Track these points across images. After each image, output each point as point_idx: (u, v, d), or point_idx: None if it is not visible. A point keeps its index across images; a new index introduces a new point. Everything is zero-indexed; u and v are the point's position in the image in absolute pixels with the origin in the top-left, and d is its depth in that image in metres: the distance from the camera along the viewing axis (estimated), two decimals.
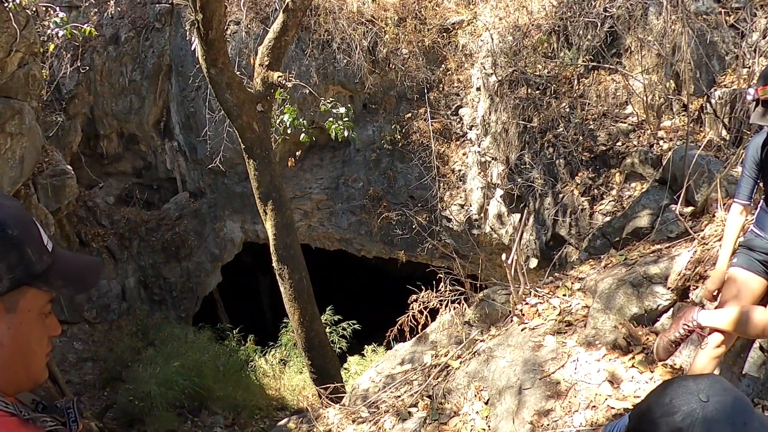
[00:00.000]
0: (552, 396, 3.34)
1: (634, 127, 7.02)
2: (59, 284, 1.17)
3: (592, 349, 3.57)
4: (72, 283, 1.21)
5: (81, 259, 1.30)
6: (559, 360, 3.60)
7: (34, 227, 1.15)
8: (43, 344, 1.19)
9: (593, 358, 3.48)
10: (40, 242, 1.15)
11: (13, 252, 1.09)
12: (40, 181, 9.20)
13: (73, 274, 1.22)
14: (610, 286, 3.91)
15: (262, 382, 9.97)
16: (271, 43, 6.98)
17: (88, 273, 1.26)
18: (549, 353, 3.73)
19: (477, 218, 9.66)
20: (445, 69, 10.37)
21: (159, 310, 11.68)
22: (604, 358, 3.43)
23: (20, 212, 1.15)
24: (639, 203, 5.25)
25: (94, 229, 11.08)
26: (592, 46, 7.78)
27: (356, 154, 11.03)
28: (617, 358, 3.40)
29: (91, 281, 1.26)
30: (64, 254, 1.25)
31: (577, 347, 3.66)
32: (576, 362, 3.50)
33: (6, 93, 7.46)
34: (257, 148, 7.10)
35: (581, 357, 3.53)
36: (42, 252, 1.14)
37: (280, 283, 7.47)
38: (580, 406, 3.15)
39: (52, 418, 1.17)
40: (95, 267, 1.30)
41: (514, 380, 3.66)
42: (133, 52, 11.35)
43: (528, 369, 3.65)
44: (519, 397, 3.49)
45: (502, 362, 3.88)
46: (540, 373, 3.56)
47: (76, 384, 9.55)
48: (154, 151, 12.27)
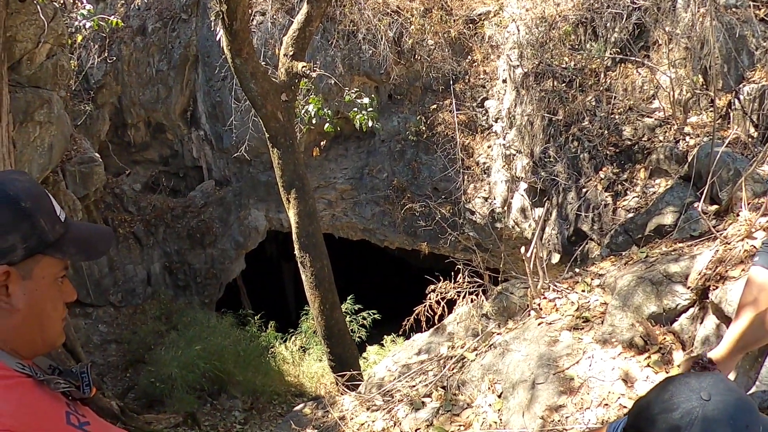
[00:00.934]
0: (564, 392, 3.33)
1: (661, 122, 6.91)
2: (72, 251, 1.24)
3: (608, 346, 3.54)
4: (84, 250, 1.27)
5: (93, 228, 1.36)
6: (574, 356, 3.58)
7: (46, 199, 1.21)
8: (58, 309, 1.25)
9: (608, 355, 3.45)
10: (53, 213, 1.21)
11: (26, 223, 1.15)
12: (69, 168, 9.42)
13: (86, 242, 1.28)
14: (629, 283, 3.87)
15: (282, 369, 10.09)
16: (295, 34, 7.02)
17: (99, 240, 1.33)
18: (564, 349, 3.71)
19: (500, 211, 9.61)
20: (471, 60, 10.31)
21: (183, 296, 11.89)
22: (620, 357, 3.41)
23: (32, 185, 1.21)
24: (663, 200, 5.17)
25: (121, 215, 11.30)
26: (619, 39, 7.66)
27: (381, 145, 11.04)
28: (633, 357, 3.37)
29: (102, 248, 1.32)
30: (77, 223, 1.31)
31: (592, 344, 3.64)
32: (591, 359, 3.48)
33: (35, 83, 7.63)
34: (281, 137, 7.17)
35: (596, 354, 3.51)
36: (54, 222, 1.20)
37: (302, 271, 7.55)
38: (592, 403, 3.14)
39: (66, 381, 1.21)
40: (106, 235, 1.36)
41: (528, 374, 3.65)
42: (159, 43, 11.51)
43: (542, 364, 3.64)
44: (532, 392, 3.49)
45: (517, 356, 3.88)
46: (554, 368, 3.55)
47: (99, 365, 9.79)
48: (181, 139, 12.45)
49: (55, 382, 1.19)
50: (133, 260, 11.45)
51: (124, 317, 11.08)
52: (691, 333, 3.43)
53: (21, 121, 7.48)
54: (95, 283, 10.86)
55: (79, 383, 1.25)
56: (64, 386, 1.20)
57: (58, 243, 1.20)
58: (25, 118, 7.57)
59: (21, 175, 1.23)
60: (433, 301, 4.95)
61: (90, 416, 1.25)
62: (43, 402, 1.14)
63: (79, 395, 1.24)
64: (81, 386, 1.25)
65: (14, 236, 1.13)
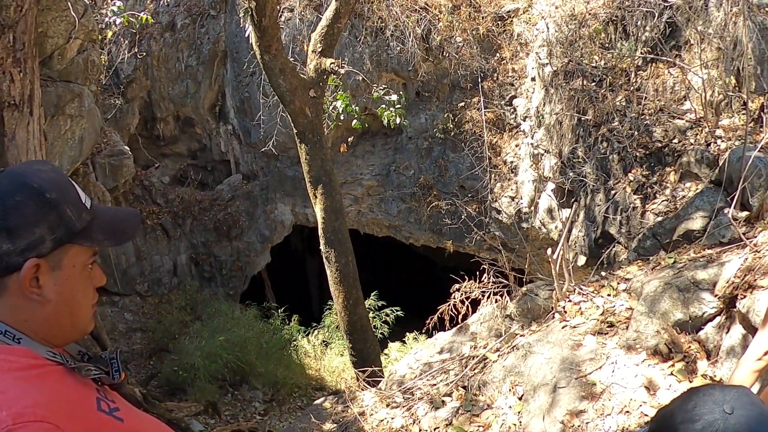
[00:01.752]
0: (586, 397, 3.30)
1: (692, 124, 6.77)
2: (100, 238, 1.24)
3: (632, 352, 3.50)
4: (112, 235, 1.28)
5: (119, 212, 1.37)
6: (597, 361, 3.55)
7: (71, 187, 1.22)
8: (88, 296, 1.27)
9: (632, 362, 3.42)
10: (78, 201, 1.22)
11: (53, 214, 1.15)
12: (99, 161, 9.60)
13: (113, 228, 1.29)
14: (656, 289, 3.82)
15: (303, 362, 10.17)
16: (324, 30, 7.04)
17: (127, 225, 1.33)
18: (588, 353, 3.68)
19: (527, 211, 9.54)
20: (500, 58, 10.22)
21: (208, 287, 12.05)
22: (643, 363, 3.37)
23: (56, 175, 1.21)
24: (692, 204, 5.08)
25: (150, 207, 11.49)
26: (650, 38, 7.53)
27: (408, 142, 11.03)
28: (656, 364, 3.33)
29: (130, 231, 1.33)
30: (103, 209, 1.32)
31: (616, 349, 3.60)
32: (614, 365, 3.45)
33: (66, 77, 7.80)
34: (309, 133, 7.21)
35: (620, 360, 3.47)
36: (81, 210, 1.21)
37: (327, 266, 7.59)
38: (614, 410, 3.11)
39: (96, 367, 1.23)
40: (133, 218, 1.37)
41: (550, 378, 3.63)
42: (189, 39, 11.66)
43: (565, 368, 3.62)
44: (553, 396, 3.47)
45: (540, 359, 3.86)
46: (577, 372, 3.52)
47: (124, 352, 9.97)
48: (209, 134, 12.59)
49: (86, 369, 1.20)
50: (160, 251, 11.64)
51: (150, 306, 11.28)
52: (716, 342, 3.37)
53: (52, 115, 7.64)
54: (122, 272, 11.07)
55: (109, 369, 1.27)
56: (95, 373, 1.21)
57: (86, 231, 1.21)
58: (57, 111, 7.73)
59: (44, 165, 1.23)
60: (457, 301, 4.94)
61: (119, 401, 1.26)
62: (74, 390, 1.15)
63: (109, 381, 1.26)
64: (111, 372, 1.27)
65: (42, 228, 1.14)
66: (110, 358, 1.29)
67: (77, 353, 1.32)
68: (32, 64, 6.10)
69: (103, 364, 1.27)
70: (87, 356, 1.32)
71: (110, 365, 1.28)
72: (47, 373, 1.13)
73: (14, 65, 5.85)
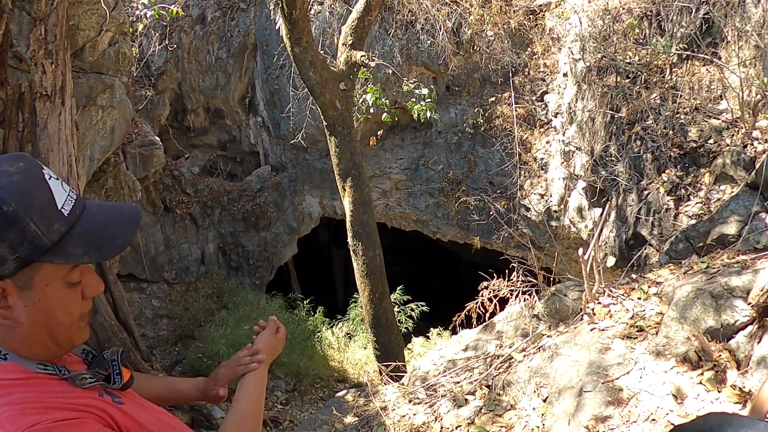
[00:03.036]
0: (612, 403, 3.25)
1: (728, 124, 6.59)
2: (78, 253, 1.06)
3: (661, 359, 3.43)
4: (94, 248, 1.08)
5: (111, 213, 1.15)
6: (625, 366, 3.49)
7: (41, 191, 1.04)
8: (73, 312, 1.11)
9: (660, 368, 3.35)
10: (50, 210, 1.04)
11: (13, 230, 1.00)
12: (130, 151, 9.77)
13: (97, 237, 1.09)
14: (688, 294, 3.73)
15: (327, 353, 10.24)
16: (354, 23, 7.03)
17: (117, 230, 1.12)
18: (616, 357, 3.62)
19: (557, 209, 9.42)
20: (531, 53, 10.10)
21: (235, 276, 12.20)
22: (672, 371, 3.30)
23: (22, 178, 1.03)
24: (727, 208, 4.95)
25: (179, 196, 11.65)
26: (686, 34, 7.34)
27: (437, 137, 10.98)
28: (686, 372, 3.25)
29: (120, 240, 1.12)
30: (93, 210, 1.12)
31: (645, 355, 3.54)
32: (642, 371, 3.39)
33: (98, 69, 7.96)
34: (339, 126, 7.22)
35: (648, 366, 3.41)
36: (52, 221, 1.03)
37: (354, 259, 7.61)
38: (640, 417, 3.05)
39: (93, 373, 1.14)
40: (128, 221, 1.15)
41: (576, 381, 3.58)
42: (219, 32, 11.77)
43: (592, 371, 3.56)
44: (578, 399, 3.43)
45: (567, 361, 3.81)
46: (603, 377, 3.47)
47: (150, 338, 10.16)
48: (239, 125, 12.71)
49: (80, 378, 1.10)
50: (188, 240, 11.81)
51: (177, 294, 11.46)
52: (747, 352, 3.28)
53: (84, 105, 7.80)
54: (151, 259, 11.26)
55: (110, 370, 1.18)
56: (90, 381, 1.11)
57: (59, 246, 1.04)
58: (88, 102, 7.89)
59: (12, 164, 1.05)
60: (485, 298, 4.91)
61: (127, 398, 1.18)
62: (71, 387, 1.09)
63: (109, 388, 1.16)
64: (111, 374, 1.18)
65: (0, 248, 0.99)
66: (111, 360, 1.21)
67: (81, 351, 1.24)
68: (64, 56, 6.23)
69: (105, 365, 1.19)
70: (92, 355, 1.25)
71: (111, 367, 1.19)
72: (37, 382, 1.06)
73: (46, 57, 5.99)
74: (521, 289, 5.04)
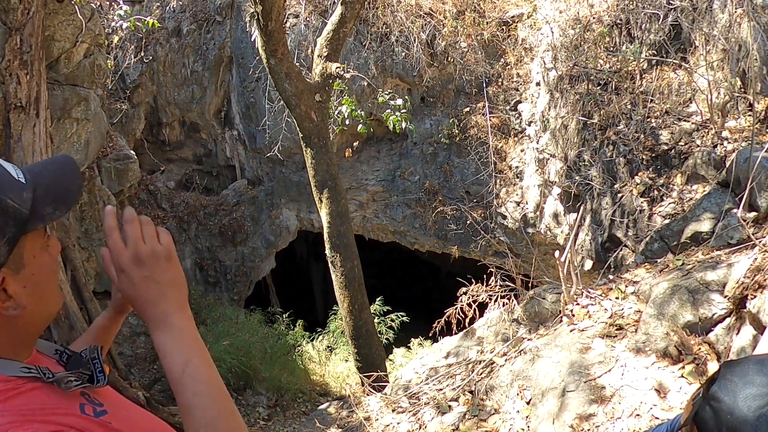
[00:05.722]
0: (596, 401, 3.27)
1: (698, 126, 6.74)
2: (50, 211, 1.05)
3: (641, 355, 3.47)
4: (60, 201, 1.08)
5: (53, 170, 1.12)
6: (607, 364, 3.52)
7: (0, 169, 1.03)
8: (56, 273, 1.12)
9: (641, 365, 3.38)
10: (14, 182, 1.02)
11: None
12: (104, 165, 9.62)
13: (57, 192, 1.08)
14: (665, 291, 3.78)
15: (308, 367, 10.14)
16: (329, 35, 7.05)
17: (67, 181, 1.12)
18: (596, 357, 3.65)
19: (533, 216, 9.50)
20: (505, 63, 10.22)
21: (213, 292, 12.04)
22: (653, 366, 3.33)
23: None
24: (700, 206, 5.04)
25: (155, 211, 11.50)
26: (655, 41, 7.50)
27: (413, 148, 11.02)
28: (666, 366, 3.29)
29: (75, 186, 1.12)
30: (36, 171, 1.09)
31: (625, 352, 3.57)
32: (623, 368, 3.41)
33: (72, 81, 7.85)
34: (315, 137, 7.21)
35: (629, 363, 3.44)
36: (20, 191, 1.02)
37: (332, 270, 7.57)
38: (624, 413, 3.07)
39: (77, 375, 1.10)
40: (70, 169, 1.13)
41: (559, 382, 3.60)
42: (194, 44, 11.71)
43: (573, 371, 3.58)
44: (562, 400, 3.44)
45: (548, 363, 3.82)
46: (585, 376, 3.49)
47: (128, 356, 9.93)
48: (215, 139, 12.62)
49: (65, 381, 1.06)
50: None
51: None
52: (726, 343, 3.33)
53: (59, 118, 7.68)
54: None
55: (91, 369, 1.14)
56: (76, 384, 1.07)
57: (33, 211, 1.02)
58: (63, 114, 7.77)
59: None
60: (464, 304, 4.91)
61: (107, 400, 1.14)
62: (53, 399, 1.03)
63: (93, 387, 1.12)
64: (93, 374, 1.13)
65: None
66: (91, 357, 1.16)
67: (54, 352, 1.18)
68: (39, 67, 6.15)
69: (84, 365, 1.14)
70: (65, 354, 1.19)
71: (93, 365, 1.15)
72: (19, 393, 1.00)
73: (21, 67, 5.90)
74: (500, 294, 5.06)
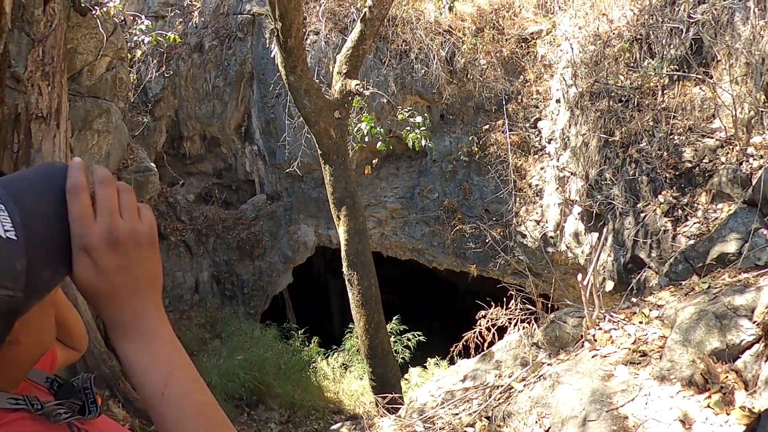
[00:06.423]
0: (618, 431, 3.15)
1: (722, 142, 6.58)
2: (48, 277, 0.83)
3: (666, 383, 3.34)
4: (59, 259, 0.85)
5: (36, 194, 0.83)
6: (630, 393, 3.40)
7: None
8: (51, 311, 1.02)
9: (666, 393, 3.25)
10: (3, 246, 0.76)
11: None
12: (125, 176, 9.72)
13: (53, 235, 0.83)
14: (691, 316, 3.66)
15: (322, 384, 10.05)
16: (349, 52, 7.05)
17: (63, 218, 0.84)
18: (619, 384, 3.53)
19: (553, 235, 9.36)
20: (524, 80, 10.16)
21: (229, 305, 12.05)
22: (678, 395, 3.20)
23: None
24: (726, 226, 4.90)
25: (174, 223, 11.57)
26: (676, 55, 7.39)
27: (432, 165, 10.97)
28: (692, 396, 3.16)
29: None
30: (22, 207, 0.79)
31: (649, 380, 3.44)
32: (647, 396, 3.29)
33: (95, 93, 7.96)
34: (334, 155, 7.19)
35: (653, 392, 3.31)
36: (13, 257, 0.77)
37: (349, 288, 7.51)
38: None
39: (67, 406, 1.04)
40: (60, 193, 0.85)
41: (579, 410, 3.48)
42: (216, 60, 11.84)
43: (595, 399, 3.46)
44: (582, 429, 3.32)
45: (569, 390, 3.71)
46: (608, 405, 3.37)
47: None
48: (235, 153, 12.70)
49: (55, 414, 0.99)
50: (182, 267, 11.69)
51: (170, 322, 11.25)
52: (755, 371, 3.20)
53: (80, 129, 7.79)
54: None
55: (83, 399, 1.07)
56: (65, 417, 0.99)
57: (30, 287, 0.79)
58: (84, 126, 7.88)
59: None
60: (483, 328, 4.81)
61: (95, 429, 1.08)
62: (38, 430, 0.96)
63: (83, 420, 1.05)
64: (86, 404, 1.07)
65: None
66: (83, 387, 1.09)
67: (45, 380, 1.11)
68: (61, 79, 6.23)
69: (76, 395, 1.08)
70: (56, 383, 1.12)
71: (85, 396, 1.08)
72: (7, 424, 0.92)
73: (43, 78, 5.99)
74: (520, 318, 4.95)
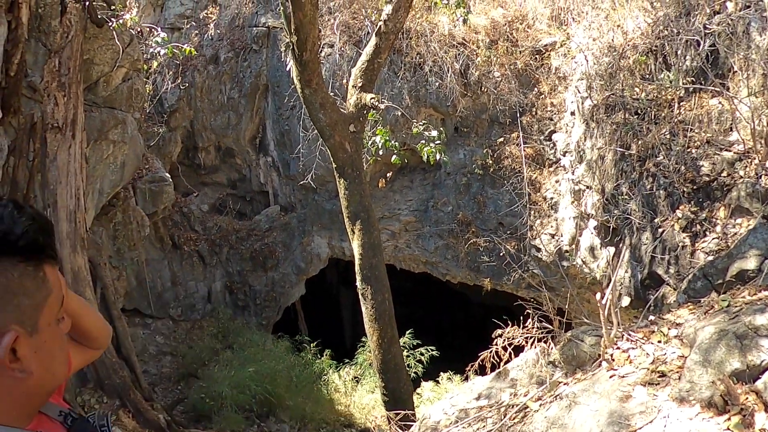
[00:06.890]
0: None
1: (741, 155, 6.47)
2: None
3: (685, 405, 3.27)
4: None
5: None
6: (648, 414, 3.33)
7: None
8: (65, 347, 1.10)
9: (685, 415, 3.18)
10: None
11: None
12: (140, 186, 9.81)
13: None
14: (711, 335, 3.59)
15: (333, 397, 10.01)
16: (364, 65, 7.07)
17: None
18: (638, 406, 3.46)
19: (568, 249, 9.27)
20: (538, 92, 10.12)
21: (241, 315, 12.07)
22: (697, 417, 3.13)
23: None
24: (745, 242, 4.82)
25: (188, 233, 11.63)
26: (693, 67, 7.31)
27: (446, 178, 10.94)
28: (711, 418, 3.09)
29: None
30: None
31: (668, 402, 3.37)
32: (666, 419, 3.22)
33: (110, 104, 8.06)
34: (348, 168, 7.19)
35: (672, 413, 3.24)
36: None
37: (362, 302, 7.47)
38: None
39: None
40: None
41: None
42: (231, 72, 11.95)
43: (613, 421, 3.39)
44: None
45: (586, 410, 3.64)
46: (626, 427, 3.30)
47: (152, 375, 9.97)
48: (249, 165, 12.76)
49: None
50: (195, 277, 11.75)
51: (182, 331, 11.33)
52: None
53: (96, 139, 7.88)
54: (157, 295, 11.17)
55: None
56: None
57: None
58: (100, 136, 7.96)
59: None
60: (499, 347, 4.75)
61: None
62: None
63: None
64: None
65: None
66: (100, 424, 1.13)
67: (59, 414, 1.13)
68: (77, 89, 6.32)
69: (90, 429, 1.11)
70: (71, 418, 1.14)
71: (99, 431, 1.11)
72: None
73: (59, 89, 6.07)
74: (536, 336, 4.88)
